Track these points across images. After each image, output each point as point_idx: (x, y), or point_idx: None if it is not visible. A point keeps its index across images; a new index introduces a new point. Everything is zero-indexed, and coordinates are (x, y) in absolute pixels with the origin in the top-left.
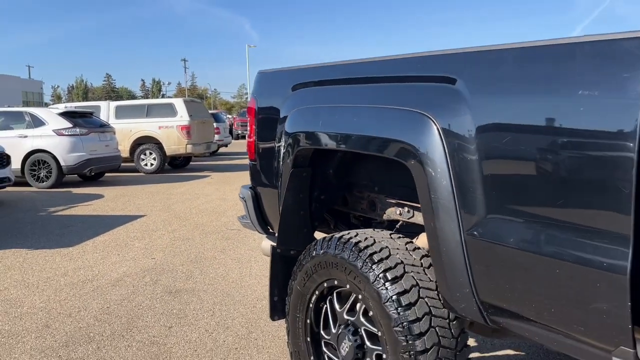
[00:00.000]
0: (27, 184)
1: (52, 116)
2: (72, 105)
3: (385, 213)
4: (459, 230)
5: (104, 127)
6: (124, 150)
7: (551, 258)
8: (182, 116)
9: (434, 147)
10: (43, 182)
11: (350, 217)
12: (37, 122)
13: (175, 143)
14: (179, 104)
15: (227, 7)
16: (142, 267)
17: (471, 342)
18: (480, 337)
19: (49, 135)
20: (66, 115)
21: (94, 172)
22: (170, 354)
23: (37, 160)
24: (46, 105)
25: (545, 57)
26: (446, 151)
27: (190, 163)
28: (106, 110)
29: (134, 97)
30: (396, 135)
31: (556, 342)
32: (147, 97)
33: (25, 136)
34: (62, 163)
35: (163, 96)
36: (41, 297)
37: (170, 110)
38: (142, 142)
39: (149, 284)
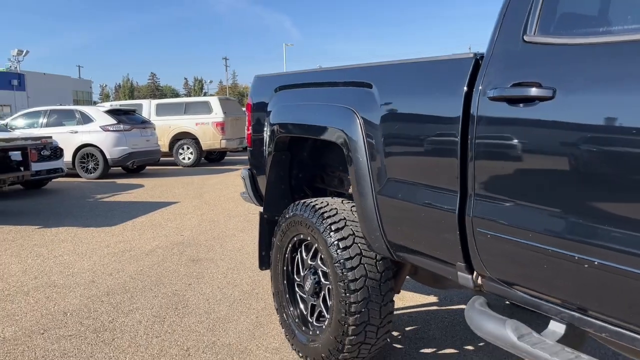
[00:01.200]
0: (77, 175)
1: (99, 114)
2: (117, 104)
3: (350, 188)
4: (371, 191)
5: (145, 123)
6: (164, 145)
7: (419, 205)
8: (217, 113)
9: (357, 133)
10: (91, 173)
11: (327, 192)
12: (86, 119)
13: (210, 138)
14: (214, 102)
15: (268, 5)
16: (172, 242)
17: (433, 299)
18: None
19: (97, 131)
20: (111, 112)
21: (136, 165)
22: (187, 302)
23: (86, 153)
24: (94, 103)
25: (415, 70)
26: (363, 136)
27: (225, 157)
28: (148, 108)
29: (177, 95)
30: (334, 124)
31: (432, 266)
32: (190, 95)
33: (76, 132)
34: (107, 156)
35: (205, 94)
36: (88, 262)
37: (206, 108)
38: (180, 138)
39: (176, 254)
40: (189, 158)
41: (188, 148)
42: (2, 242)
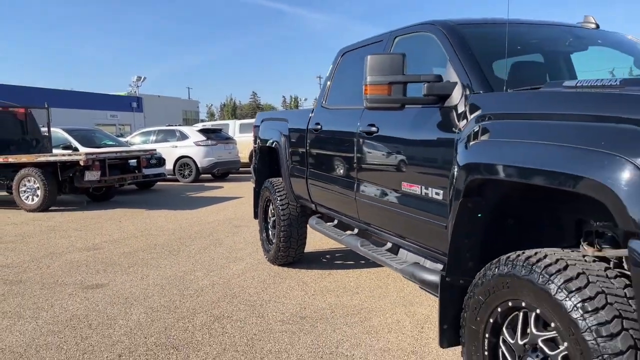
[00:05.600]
0: (176, 180)
1: (193, 132)
2: (208, 124)
3: None
4: (288, 172)
5: (228, 139)
6: (244, 157)
7: (298, 176)
8: None
9: (282, 143)
10: (186, 178)
11: None
12: (183, 137)
13: None
14: None
15: (362, 21)
16: (227, 218)
17: None
18: None
19: (191, 145)
20: (203, 131)
21: (220, 172)
22: (222, 243)
23: (183, 163)
24: (201, 121)
25: (298, 113)
26: (286, 145)
27: None
28: (233, 127)
29: None
30: (274, 138)
31: (304, 203)
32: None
33: (176, 146)
34: (199, 165)
35: None
36: (173, 225)
37: None
38: None
39: (226, 223)
40: None
41: None
42: (124, 217)
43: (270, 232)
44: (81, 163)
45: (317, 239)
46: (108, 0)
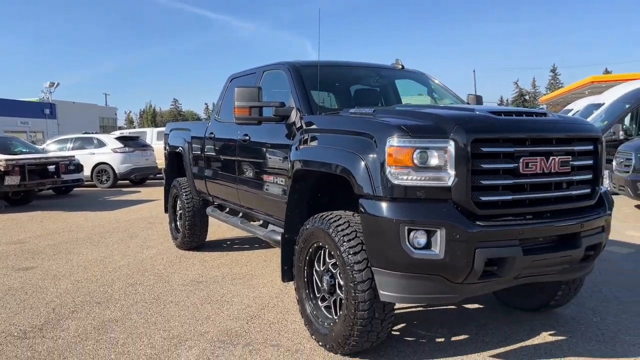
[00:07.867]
0: (94, 186)
1: (110, 140)
2: (126, 132)
3: None
4: (191, 172)
5: (145, 146)
6: (162, 163)
7: (199, 177)
8: None
9: (185, 149)
10: (104, 183)
11: None
12: (101, 144)
13: None
14: None
15: (289, 30)
16: (142, 217)
17: None
18: None
19: (108, 152)
20: (120, 138)
21: (138, 178)
22: (137, 235)
23: (100, 169)
24: (119, 129)
25: (196, 124)
26: (189, 150)
27: None
28: (150, 134)
29: (198, 119)
30: (180, 144)
31: (203, 196)
32: (209, 119)
33: (93, 153)
34: (116, 171)
35: None
36: (91, 224)
37: None
38: None
39: (141, 221)
40: None
41: None
42: (45, 218)
43: (178, 223)
44: (1, 168)
45: (221, 230)
46: (19, 0)
